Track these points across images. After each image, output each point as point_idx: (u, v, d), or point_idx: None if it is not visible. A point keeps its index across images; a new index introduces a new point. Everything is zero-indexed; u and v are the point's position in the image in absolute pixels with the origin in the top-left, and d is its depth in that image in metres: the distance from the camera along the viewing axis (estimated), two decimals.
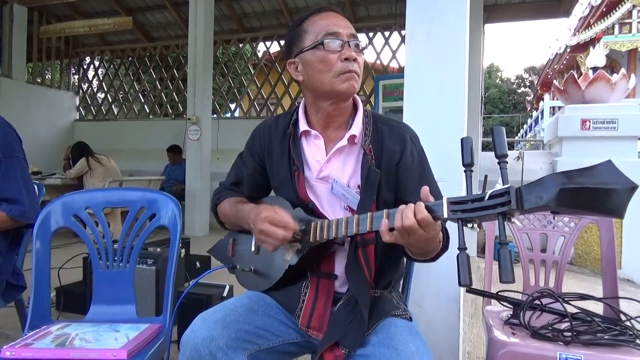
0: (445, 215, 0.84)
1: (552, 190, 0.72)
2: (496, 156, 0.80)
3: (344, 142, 1.17)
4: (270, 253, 1.19)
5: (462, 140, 0.86)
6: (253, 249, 1.23)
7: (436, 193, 1.13)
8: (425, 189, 0.90)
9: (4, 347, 1.17)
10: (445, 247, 1.08)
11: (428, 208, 0.87)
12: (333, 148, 1.18)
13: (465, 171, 0.85)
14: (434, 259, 1.09)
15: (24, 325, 1.45)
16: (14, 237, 1.70)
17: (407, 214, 0.88)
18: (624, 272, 4.42)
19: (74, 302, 2.59)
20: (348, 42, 1.13)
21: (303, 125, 1.22)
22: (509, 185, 0.76)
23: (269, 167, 1.28)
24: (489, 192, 0.78)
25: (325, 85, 1.13)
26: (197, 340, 1.01)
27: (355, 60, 1.13)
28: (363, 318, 1.06)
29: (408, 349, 0.99)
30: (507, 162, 0.80)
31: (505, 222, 0.78)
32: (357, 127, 1.18)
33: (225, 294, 2.24)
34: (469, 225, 0.84)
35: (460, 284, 0.80)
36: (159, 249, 2.41)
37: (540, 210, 0.74)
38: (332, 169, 1.19)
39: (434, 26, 1.72)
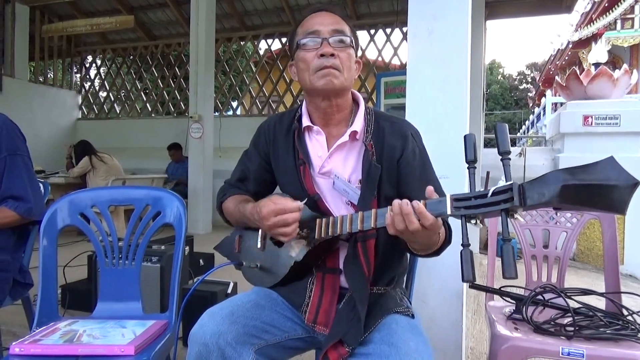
0: (449, 212, 0.85)
1: (554, 186, 0.72)
2: (499, 153, 0.81)
3: (345, 138, 1.18)
4: (276, 249, 1.20)
5: (465, 137, 0.87)
6: (259, 245, 1.24)
7: (438, 190, 1.14)
8: (429, 189, 0.91)
9: (13, 343, 1.18)
10: (448, 240, 1.09)
11: (431, 204, 0.88)
12: (335, 144, 1.19)
13: (468, 168, 0.85)
14: (437, 253, 1.09)
15: (32, 323, 1.46)
16: (21, 235, 1.72)
17: (412, 219, 0.89)
18: (626, 268, 4.43)
19: (79, 299, 2.61)
20: (327, 38, 1.14)
21: (306, 121, 1.23)
22: (511, 182, 0.77)
23: (275, 163, 1.29)
24: (492, 189, 0.79)
25: (307, 83, 1.16)
26: (205, 335, 1.02)
27: (333, 55, 1.13)
28: (361, 314, 1.06)
29: (407, 347, 1.00)
30: (510, 159, 0.81)
31: (507, 218, 0.79)
32: (358, 124, 1.19)
33: (229, 290, 2.25)
34: (472, 221, 0.85)
35: (463, 280, 0.81)
36: (163, 247, 2.43)
37: (543, 206, 0.75)
38: (333, 165, 1.20)
39: (436, 23, 1.73)
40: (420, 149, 1.21)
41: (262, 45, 8.50)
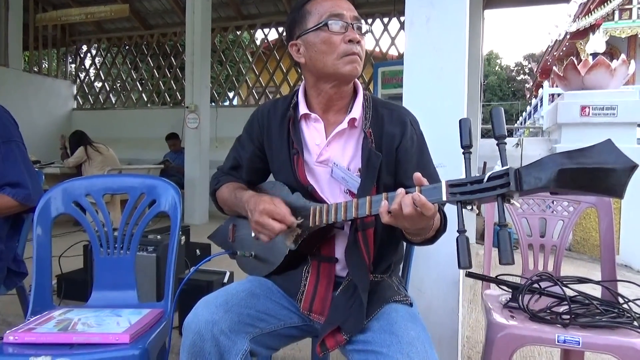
0: (444, 198, 0.84)
1: (551, 171, 0.71)
2: (495, 137, 0.79)
3: (344, 125, 1.17)
4: None
5: (460, 121, 0.85)
6: (253, 234, 1.23)
7: (434, 177, 1.13)
8: (417, 175, 0.89)
9: (7, 331, 1.18)
10: (443, 228, 1.08)
11: (427, 191, 0.87)
12: (333, 131, 1.18)
13: (463, 153, 0.84)
14: (432, 241, 1.09)
15: (26, 312, 1.45)
16: (15, 224, 1.70)
17: (406, 202, 0.87)
18: (621, 258, 4.44)
19: (75, 289, 2.60)
20: (352, 24, 1.13)
21: (303, 109, 1.21)
22: (508, 167, 0.76)
23: (268, 151, 1.27)
24: (488, 174, 0.78)
25: (328, 67, 1.13)
26: (199, 324, 1.02)
27: (358, 42, 1.12)
28: (363, 302, 1.06)
29: (408, 335, 0.99)
30: (506, 144, 0.79)
31: (504, 204, 0.78)
32: (357, 111, 1.18)
33: (225, 280, 2.24)
34: (468, 207, 0.83)
35: (460, 266, 0.80)
36: (159, 237, 2.42)
37: (540, 191, 0.74)
38: (331, 153, 1.18)
39: (434, 10, 1.70)
40: (418, 136, 1.20)
41: (259, 35, 8.46)
